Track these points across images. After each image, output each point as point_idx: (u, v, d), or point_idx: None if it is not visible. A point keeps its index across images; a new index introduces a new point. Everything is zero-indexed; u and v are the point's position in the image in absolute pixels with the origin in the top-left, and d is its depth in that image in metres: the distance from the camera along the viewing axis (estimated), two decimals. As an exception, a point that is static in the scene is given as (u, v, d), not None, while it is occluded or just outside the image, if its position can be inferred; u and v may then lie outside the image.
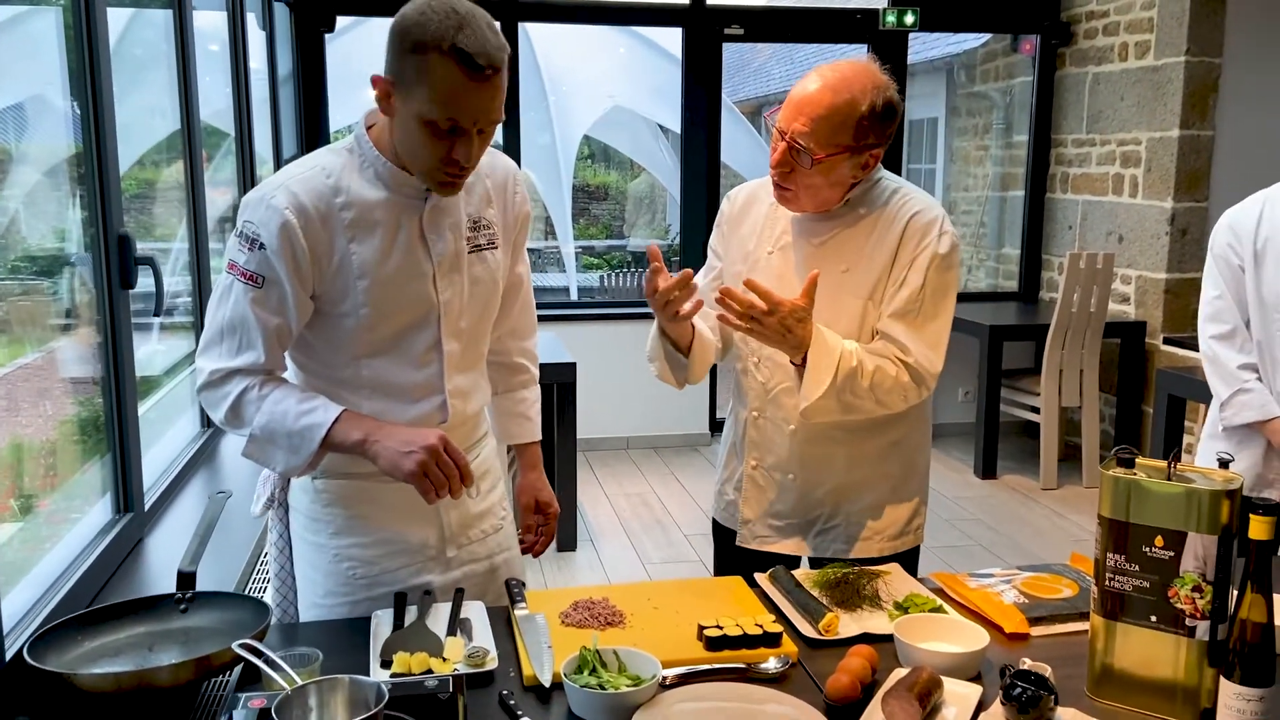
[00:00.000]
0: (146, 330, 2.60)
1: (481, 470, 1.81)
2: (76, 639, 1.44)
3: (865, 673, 1.41)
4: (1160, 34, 5.17)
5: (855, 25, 5.82)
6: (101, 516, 2.03)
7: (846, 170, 1.83)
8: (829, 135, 1.78)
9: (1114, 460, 1.43)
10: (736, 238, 2.03)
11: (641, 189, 10.24)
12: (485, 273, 1.72)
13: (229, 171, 3.59)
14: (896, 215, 1.89)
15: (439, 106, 1.48)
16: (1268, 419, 2.29)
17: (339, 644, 1.53)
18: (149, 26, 2.86)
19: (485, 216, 1.72)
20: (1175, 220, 5.19)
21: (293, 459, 1.59)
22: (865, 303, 1.89)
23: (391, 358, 1.65)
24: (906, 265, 1.87)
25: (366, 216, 1.59)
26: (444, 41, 1.45)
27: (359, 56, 6.82)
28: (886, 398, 1.85)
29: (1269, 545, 1.29)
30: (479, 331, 1.76)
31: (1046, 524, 4.79)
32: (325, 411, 1.56)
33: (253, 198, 1.58)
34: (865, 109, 1.78)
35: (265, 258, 1.55)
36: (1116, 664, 1.42)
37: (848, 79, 1.79)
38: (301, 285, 1.57)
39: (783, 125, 1.82)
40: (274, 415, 1.57)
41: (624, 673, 1.41)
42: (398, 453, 1.53)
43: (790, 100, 1.82)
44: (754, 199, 2.03)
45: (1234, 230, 2.32)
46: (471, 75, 1.46)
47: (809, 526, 2.03)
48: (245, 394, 1.58)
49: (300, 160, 1.64)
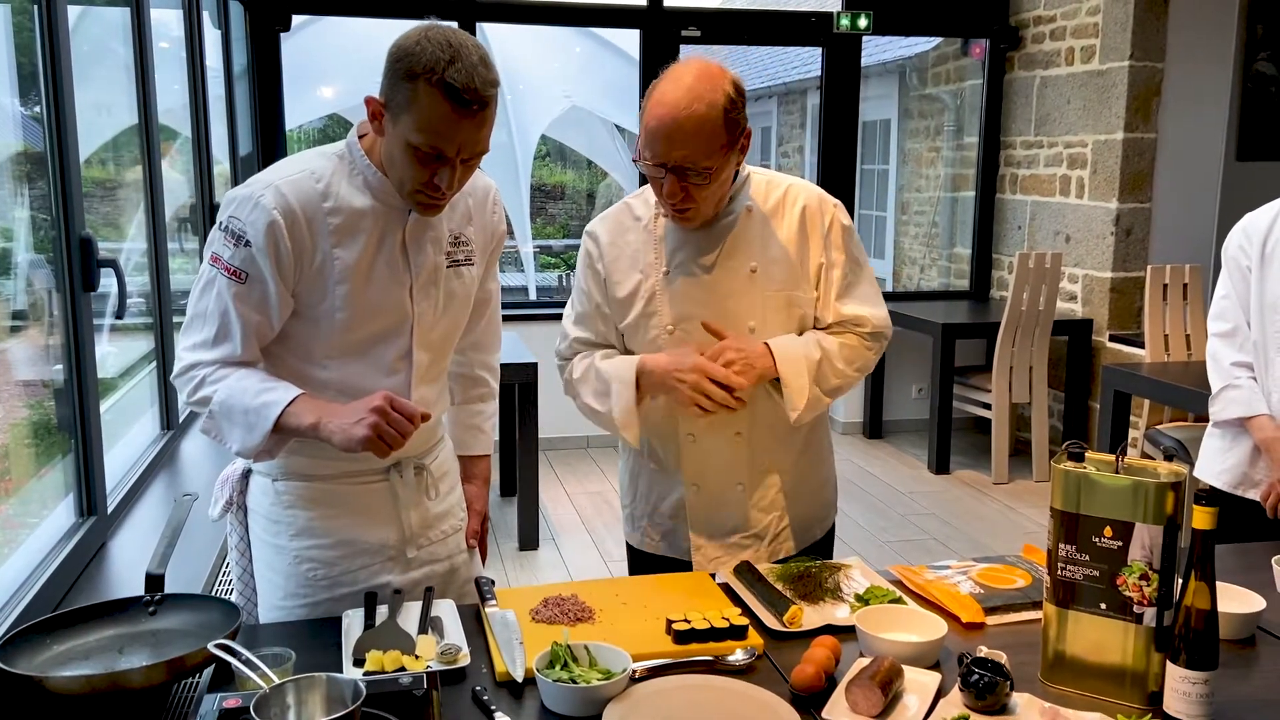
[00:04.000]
0: (98, 331, 2.57)
1: (440, 472, 1.84)
2: (45, 643, 1.43)
3: (829, 663, 1.45)
4: (1105, 39, 5.31)
5: (809, 28, 5.90)
6: (64, 520, 2.01)
7: (734, 163, 1.84)
8: (709, 144, 1.74)
9: (1065, 454, 1.49)
10: (617, 272, 1.94)
11: (598, 189, 10.25)
12: (460, 288, 1.76)
13: (183, 170, 3.56)
14: (783, 203, 1.92)
15: (424, 135, 1.52)
16: (1252, 415, 2.31)
17: (308, 644, 1.54)
18: (97, 23, 2.83)
19: (465, 233, 1.76)
20: (1120, 220, 5.33)
21: (248, 437, 1.59)
22: (786, 294, 1.90)
23: (362, 363, 1.68)
24: (821, 248, 1.91)
25: (352, 223, 1.62)
26: (434, 73, 1.48)
27: (314, 55, 6.77)
28: (863, 365, 1.95)
29: (1212, 535, 1.35)
30: (448, 344, 1.79)
31: (999, 517, 4.90)
32: (285, 392, 1.58)
33: (240, 194, 1.59)
34: (723, 103, 1.75)
35: (250, 255, 1.57)
36: (1068, 650, 1.48)
37: (694, 88, 1.74)
38: (284, 283, 1.59)
39: (660, 160, 1.76)
40: (234, 391, 1.58)
41: (595, 667, 1.44)
42: (348, 425, 1.54)
43: (653, 133, 1.75)
44: (621, 227, 1.96)
45: (1247, 232, 2.35)
46: (457, 108, 1.50)
47: (763, 536, 2.00)
48: (211, 374, 1.60)
49: (290, 159, 1.66)
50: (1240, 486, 2.37)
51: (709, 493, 1.97)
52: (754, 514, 1.98)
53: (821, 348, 1.88)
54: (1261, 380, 2.33)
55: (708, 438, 1.94)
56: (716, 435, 1.93)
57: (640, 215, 1.95)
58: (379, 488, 1.74)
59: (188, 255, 3.60)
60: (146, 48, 2.73)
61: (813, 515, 2.06)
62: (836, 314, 1.92)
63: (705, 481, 1.96)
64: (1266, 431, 2.27)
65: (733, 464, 1.95)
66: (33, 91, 1.99)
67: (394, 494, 1.75)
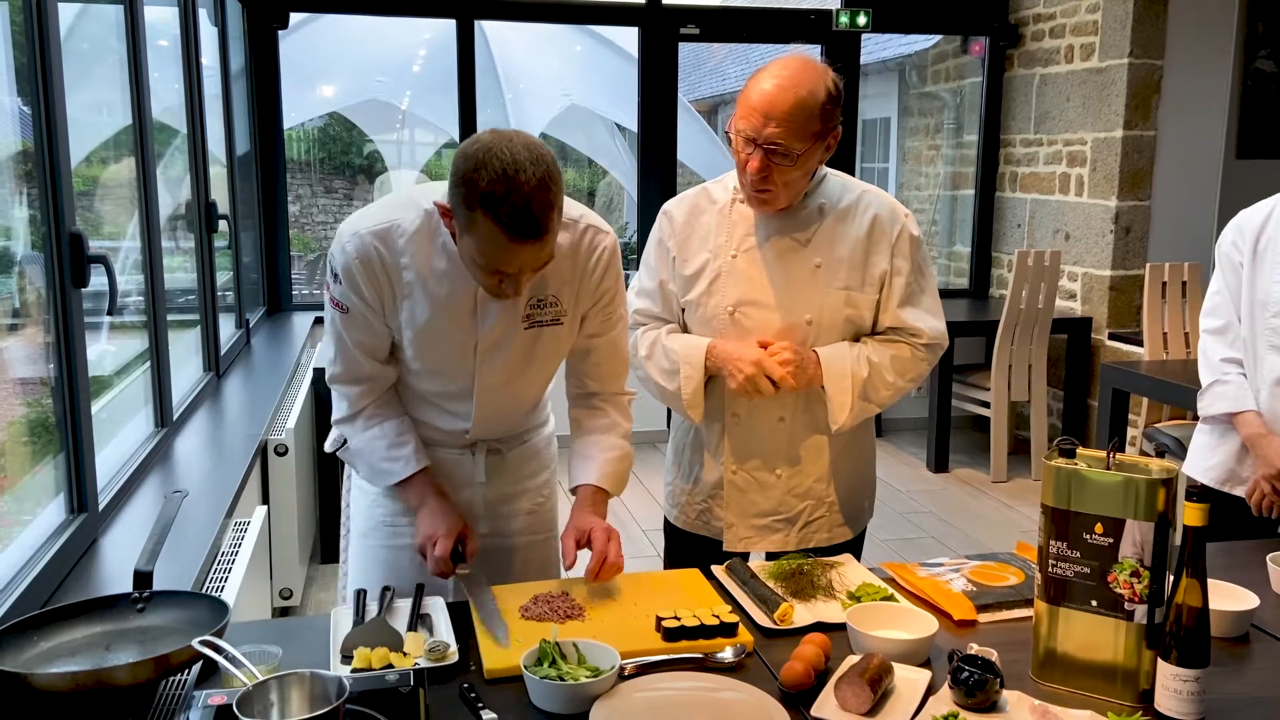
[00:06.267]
0: (96, 329, 2.57)
1: (519, 459, 1.94)
2: (33, 639, 1.42)
3: (819, 660, 1.44)
4: (1105, 37, 5.30)
5: (809, 26, 5.89)
6: (55, 517, 2.00)
7: (818, 157, 1.91)
8: (803, 129, 1.83)
9: (1056, 451, 1.48)
10: (687, 250, 2.03)
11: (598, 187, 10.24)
12: (540, 347, 1.79)
13: (180, 169, 3.55)
14: (855, 207, 1.98)
15: (485, 258, 1.55)
16: (1239, 410, 2.30)
17: (298, 641, 1.54)
18: (96, 21, 2.82)
19: (552, 295, 1.75)
20: (1119, 218, 5.32)
21: (371, 479, 1.86)
22: (845, 293, 1.97)
23: (431, 392, 1.83)
24: (888, 254, 1.96)
25: (424, 281, 1.70)
26: (489, 207, 1.49)
27: (313, 53, 6.76)
28: (915, 375, 2.01)
29: (1203, 531, 1.35)
30: (518, 388, 1.85)
31: (996, 515, 4.89)
32: (404, 466, 1.78)
33: (341, 231, 1.72)
34: (824, 95, 1.85)
35: (345, 291, 1.71)
36: (1059, 648, 1.47)
37: (798, 74, 1.84)
38: (374, 312, 1.73)
39: (752, 133, 1.84)
40: (366, 447, 1.81)
41: (583, 664, 1.43)
42: (419, 533, 1.76)
43: (753, 107, 1.84)
44: (697, 209, 2.04)
45: (1240, 229, 2.34)
46: (515, 239, 1.51)
47: (795, 521, 2.06)
48: (355, 418, 1.81)
49: (390, 203, 1.73)
50: (1227, 483, 2.36)
51: (747, 473, 2.05)
52: (789, 499, 2.06)
53: (870, 363, 1.96)
54: (1251, 377, 2.31)
55: (752, 419, 2.02)
56: (761, 418, 2.02)
57: (717, 199, 2.03)
58: (457, 459, 1.88)
59: (184, 254, 3.60)
60: (140, 45, 2.72)
61: (848, 513, 2.11)
62: (895, 319, 1.99)
63: (745, 461, 2.04)
64: (1253, 428, 2.26)
65: (774, 447, 2.04)
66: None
67: (468, 468, 1.88)
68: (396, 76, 7.38)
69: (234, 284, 4.41)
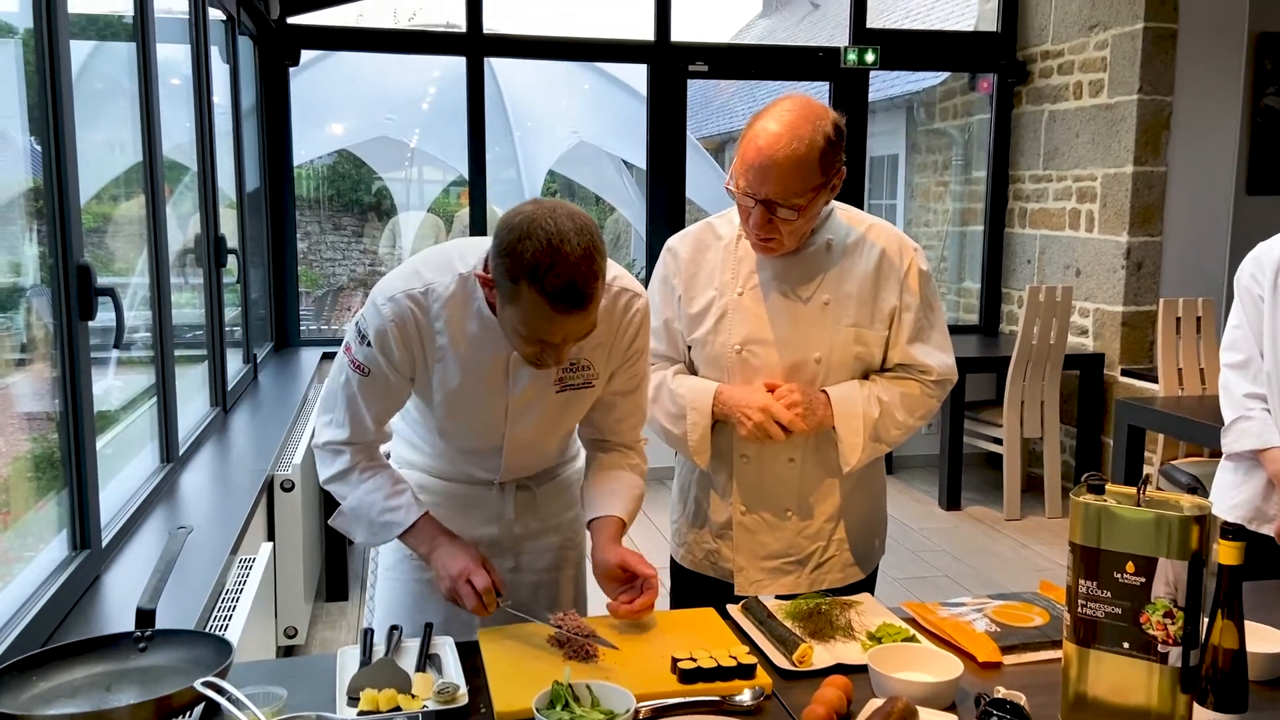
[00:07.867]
0: (103, 364, 2.55)
1: (547, 496, 1.92)
2: (31, 679, 1.38)
3: (840, 703, 1.40)
4: (1113, 73, 5.31)
5: (817, 64, 5.92)
6: (57, 554, 1.97)
7: (823, 201, 1.87)
8: (802, 184, 1.79)
9: (1084, 487, 1.44)
10: (693, 287, 1.99)
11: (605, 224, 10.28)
12: (569, 407, 1.78)
13: (189, 205, 3.55)
14: (862, 242, 1.95)
15: (526, 328, 1.53)
16: (1265, 448, 2.25)
17: (303, 682, 1.50)
18: (110, 60, 2.83)
19: (585, 360, 1.74)
20: (1131, 254, 5.30)
21: (372, 540, 1.79)
22: (856, 330, 1.93)
23: (459, 447, 1.82)
24: (897, 290, 1.93)
25: (457, 345, 1.68)
26: (534, 279, 1.47)
27: (324, 90, 6.82)
28: (925, 412, 1.97)
29: (1239, 570, 1.30)
30: (548, 443, 1.85)
31: (1010, 554, 4.82)
32: (406, 514, 1.73)
33: (376, 292, 1.70)
34: (823, 143, 1.79)
35: (371, 354, 1.68)
36: (1090, 691, 1.42)
37: (796, 125, 1.78)
38: (402, 376, 1.71)
39: (751, 191, 1.80)
40: (363, 503, 1.75)
41: (597, 707, 1.39)
42: (437, 575, 1.71)
43: (750, 165, 1.79)
44: (702, 245, 2.00)
45: (1258, 261, 2.32)
46: (559, 310, 1.49)
47: (806, 562, 2.02)
48: (348, 474, 1.76)
49: (426, 264, 1.70)
50: (1254, 521, 2.30)
51: (757, 515, 2.01)
52: (799, 540, 2.01)
53: (880, 403, 1.92)
54: (1275, 412, 2.27)
55: (762, 460, 1.98)
56: (771, 459, 1.98)
57: (722, 234, 2.00)
58: (485, 494, 1.86)
59: (193, 289, 3.59)
60: (152, 83, 2.73)
61: (860, 552, 2.07)
62: (904, 355, 1.96)
63: (754, 504, 2.00)
64: (1279, 464, 2.22)
65: (784, 489, 2.00)
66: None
67: (496, 503, 1.86)
68: (405, 114, 7.44)
69: (242, 319, 4.41)
